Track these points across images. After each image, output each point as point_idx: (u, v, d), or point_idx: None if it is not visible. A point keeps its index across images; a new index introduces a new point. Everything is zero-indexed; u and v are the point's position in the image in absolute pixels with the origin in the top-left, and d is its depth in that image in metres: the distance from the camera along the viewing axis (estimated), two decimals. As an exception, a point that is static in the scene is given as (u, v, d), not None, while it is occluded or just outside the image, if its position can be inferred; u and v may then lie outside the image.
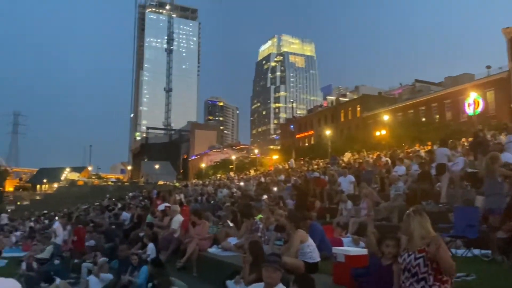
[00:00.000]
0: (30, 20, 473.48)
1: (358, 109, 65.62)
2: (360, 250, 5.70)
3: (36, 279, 9.40)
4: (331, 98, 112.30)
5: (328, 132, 51.89)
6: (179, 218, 10.20)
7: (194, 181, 55.49)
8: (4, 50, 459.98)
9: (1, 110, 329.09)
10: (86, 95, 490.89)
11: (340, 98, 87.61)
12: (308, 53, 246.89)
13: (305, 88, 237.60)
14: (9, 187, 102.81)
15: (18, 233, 24.04)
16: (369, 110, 60.46)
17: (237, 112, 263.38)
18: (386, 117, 45.73)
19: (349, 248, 6.17)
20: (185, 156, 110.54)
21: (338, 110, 71.35)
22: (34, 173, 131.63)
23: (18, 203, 74.47)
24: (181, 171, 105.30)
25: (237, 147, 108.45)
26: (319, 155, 43.02)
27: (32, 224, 28.70)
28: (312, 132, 75.54)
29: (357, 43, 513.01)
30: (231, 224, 9.81)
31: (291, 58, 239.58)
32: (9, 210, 57.51)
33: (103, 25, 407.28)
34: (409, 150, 23.11)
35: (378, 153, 26.28)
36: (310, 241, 5.96)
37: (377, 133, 43.67)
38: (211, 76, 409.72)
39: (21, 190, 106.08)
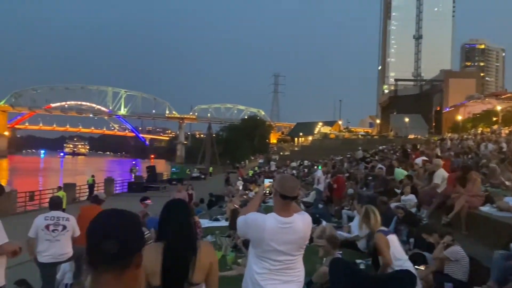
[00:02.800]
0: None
1: None
2: None
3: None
4: None
5: None
6: (441, 173, 9.49)
7: (449, 135, 51.13)
8: (267, 23, 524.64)
9: (265, 73, 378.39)
10: (336, 53, 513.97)
11: None
12: None
13: None
14: (273, 139, 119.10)
15: (285, 178, 27.73)
16: None
17: (503, 54, 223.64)
18: None
19: None
20: (438, 108, 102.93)
21: None
22: (292, 127, 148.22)
23: (281, 153, 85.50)
24: (433, 124, 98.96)
25: (503, 96, 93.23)
26: None
27: (294, 171, 32.61)
28: None
29: None
30: (507, 183, 8.49)
31: None
32: (276, 159, 66.71)
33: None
34: None
35: None
36: None
37: None
38: (469, 15, 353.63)
39: (282, 142, 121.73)
